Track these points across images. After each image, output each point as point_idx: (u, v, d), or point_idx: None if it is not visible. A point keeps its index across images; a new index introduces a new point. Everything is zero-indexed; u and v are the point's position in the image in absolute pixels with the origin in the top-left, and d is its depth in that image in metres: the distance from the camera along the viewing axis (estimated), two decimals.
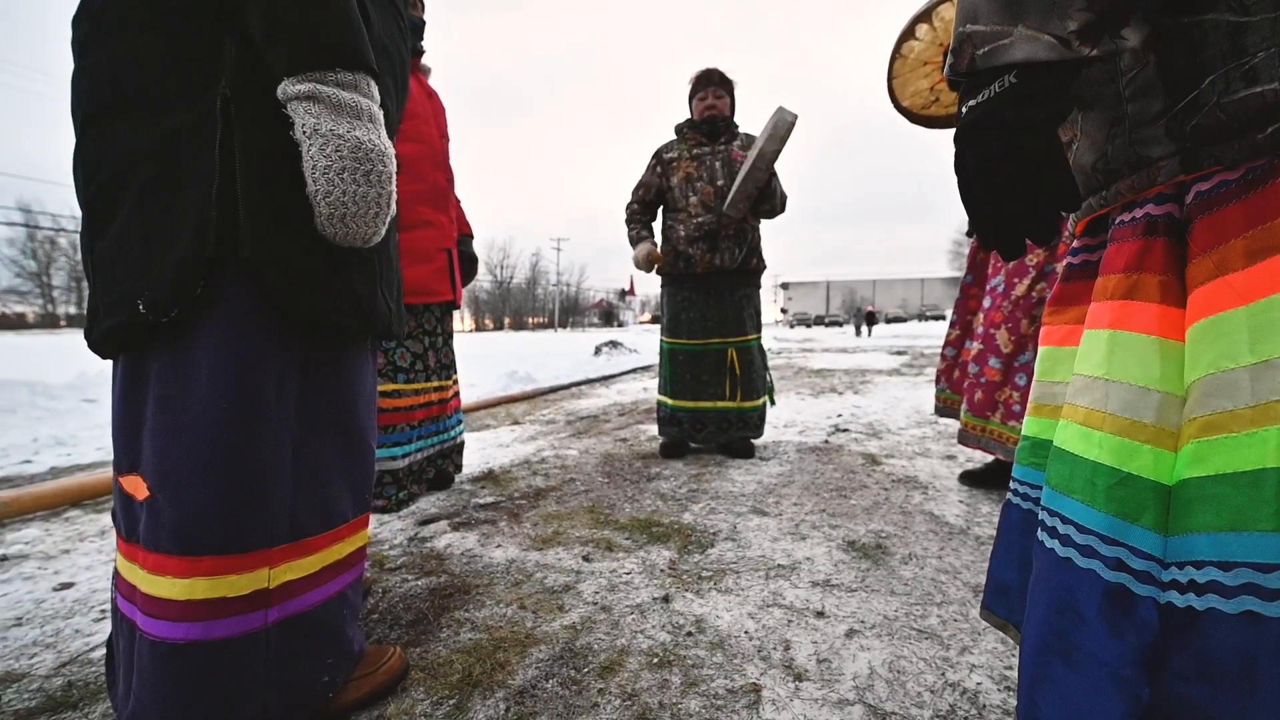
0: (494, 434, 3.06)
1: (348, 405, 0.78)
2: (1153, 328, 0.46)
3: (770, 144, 1.90)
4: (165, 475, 0.64)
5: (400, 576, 1.28)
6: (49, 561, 1.43)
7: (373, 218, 0.66)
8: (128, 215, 0.63)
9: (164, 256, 0.62)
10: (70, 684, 0.92)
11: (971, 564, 1.29)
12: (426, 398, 1.81)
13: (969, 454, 2.31)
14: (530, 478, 2.10)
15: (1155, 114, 0.46)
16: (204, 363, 0.64)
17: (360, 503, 0.81)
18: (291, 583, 0.70)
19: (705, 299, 2.29)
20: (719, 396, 2.31)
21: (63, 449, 2.87)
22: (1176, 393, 0.44)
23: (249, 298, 0.66)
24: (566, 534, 1.51)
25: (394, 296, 0.83)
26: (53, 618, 1.14)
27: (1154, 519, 0.43)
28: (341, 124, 0.62)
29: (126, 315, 0.63)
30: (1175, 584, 0.42)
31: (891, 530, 1.50)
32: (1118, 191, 0.51)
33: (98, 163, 0.64)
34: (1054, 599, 0.48)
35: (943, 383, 1.97)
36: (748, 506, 1.72)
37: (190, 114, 0.62)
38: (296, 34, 0.60)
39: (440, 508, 1.78)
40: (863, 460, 2.26)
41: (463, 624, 1.07)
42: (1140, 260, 0.47)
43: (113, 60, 0.63)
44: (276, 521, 0.68)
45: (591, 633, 1.03)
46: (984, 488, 1.85)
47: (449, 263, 1.83)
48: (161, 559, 0.64)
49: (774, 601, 1.14)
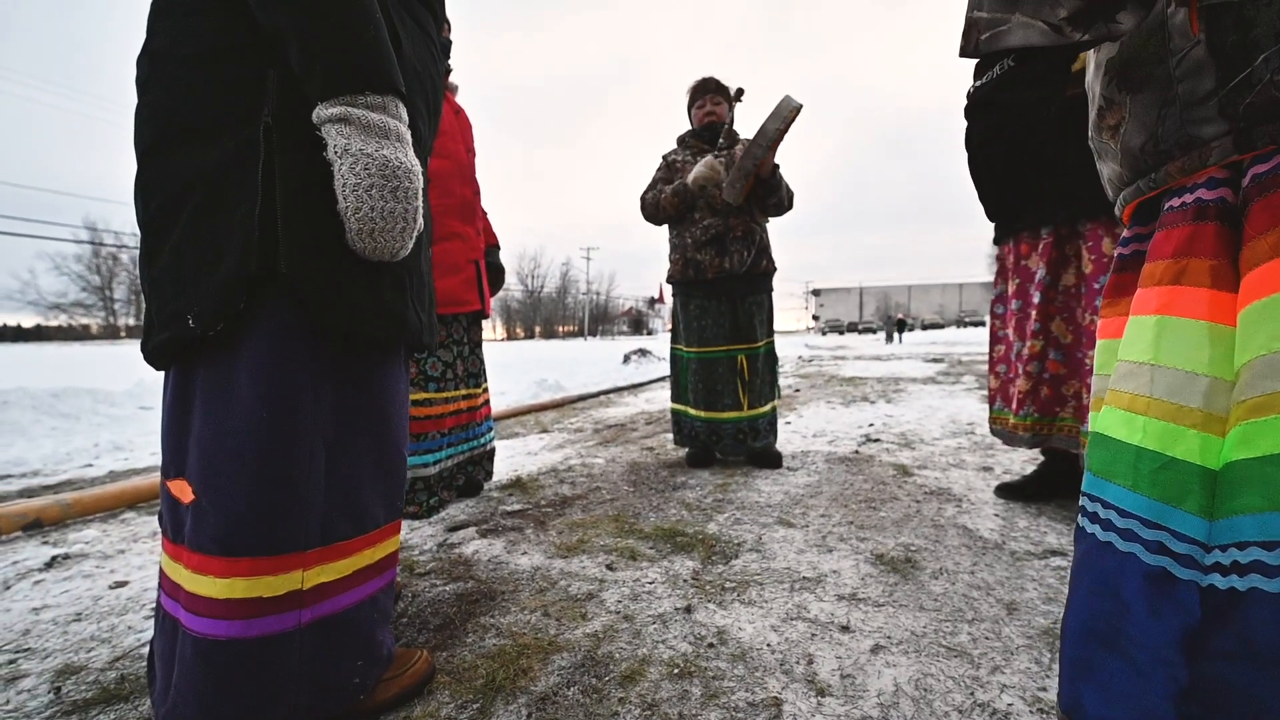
0: (523, 442, 3.11)
1: (381, 414, 0.81)
2: (1203, 312, 0.45)
3: (772, 122, 1.87)
4: (208, 480, 0.68)
5: (429, 581, 1.31)
6: (106, 561, 1.52)
7: (399, 232, 0.69)
8: (180, 237, 0.68)
9: (212, 274, 0.66)
10: (123, 677, 0.98)
11: (1005, 580, 1.24)
12: (456, 406, 1.86)
13: (1006, 465, 2.23)
14: (557, 486, 2.12)
15: (1207, 93, 0.45)
16: (245, 373, 0.68)
17: (392, 509, 0.84)
18: (324, 585, 0.73)
19: (718, 305, 2.28)
20: (733, 407, 2.29)
21: (120, 454, 3.04)
22: (1225, 377, 0.44)
23: (288, 311, 0.69)
24: (591, 542, 1.52)
25: (425, 309, 0.86)
26: (108, 614, 1.21)
27: (1198, 503, 0.43)
28: (370, 143, 0.66)
29: (177, 329, 0.67)
30: (1218, 566, 0.41)
31: (922, 544, 1.46)
32: (1167, 174, 0.50)
33: (154, 189, 0.69)
34: (1095, 583, 0.48)
35: (999, 403, 1.81)
36: (774, 517, 1.70)
37: (236, 142, 0.67)
38: (330, 62, 0.65)
39: (469, 514, 1.81)
40: (894, 471, 2.21)
41: (488, 629, 1.09)
42: (1190, 245, 0.47)
43: (169, 96, 0.69)
44: (310, 525, 0.71)
45: (613, 641, 1.04)
46: (1021, 500, 1.79)
47: (477, 273, 1.88)
48: (204, 559, 0.68)
49: (798, 614, 1.12)
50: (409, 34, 0.82)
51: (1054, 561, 1.33)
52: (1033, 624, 1.06)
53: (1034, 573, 1.28)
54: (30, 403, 3.78)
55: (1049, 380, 1.59)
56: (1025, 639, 1.02)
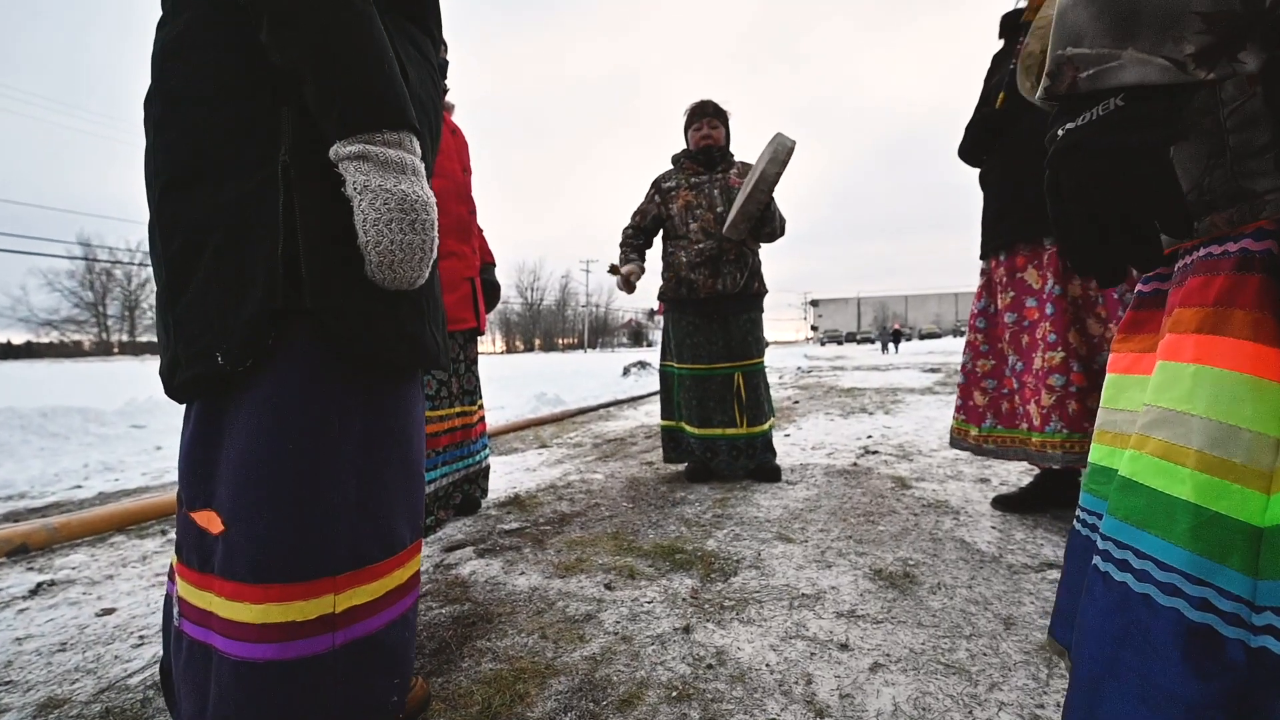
0: (521, 457, 3.09)
1: (404, 438, 0.82)
2: (1245, 365, 0.44)
3: (772, 167, 1.93)
4: (239, 511, 0.69)
5: (425, 604, 1.30)
6: (93, 587, 1.49)
7: (418, 262, 0.72)
8: (204, 276, 0.69)
9: (238, 311, 0.68)
10: (108, 710, 0.96)
11: (1003, 594, 1.24)
12: (450, 424, 1.85)
13: (1003, 477, 2.23)
14: (555, 503, 2.11)
15: (1262, 146, 0.44)
16: (272, 406, 0.69)
17: (415, 529, 0.85)
18: (356, 608, 0.74)
19: (710, 324, 2.30)
20: (727, 424, 2.29)
21: (111, 474, 3.00)
22: (1269, 433, 0.43)
23: (312, 344, 0.71)
24: (590, 561, 1.51)
25: (440, 330, 0.88)
26: (94, 643, 1.19)
27: (1242, 561, 0.42)
28: (389, 179, 0.68)
29: (205, 366, 0.68)
30: (1271, 629, 0.40)
31: (920, 558, 1.45)
32: (1213, 224, 0.49)
33: (174, 229, 0.70)
34: (1121, 632, 0.47)
35: (990, 420, 1.80)
36: (773, 533, 1.69)
37: (254, 181, 0.69)
38: (347, 101, 0.66)
39: (466, 533, 1.80)
40: (892, 484, 2.21)
41: (484, 653, 1.07)
42: (1232, 295, 0.46)
43: (186, 136, 0.70)
44: (339, 550, 0.73)
45: (611, 664, 1.02)
46: (1018, 513, 1.78)
47: (473, 291, 1.89)
48: (239, 586, 0.69)
49: (797, 633, 1.11)
50: (413, 63, 0.84)
51: (1050, 575, 1.33)
52: (1030, 639, 1.06)
53: (1031, 586, 1.27)
54: (18, 422, 3.74)
55: (1075, 394, 1.52)
56: (1023, 654, 1.01)
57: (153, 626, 1.26)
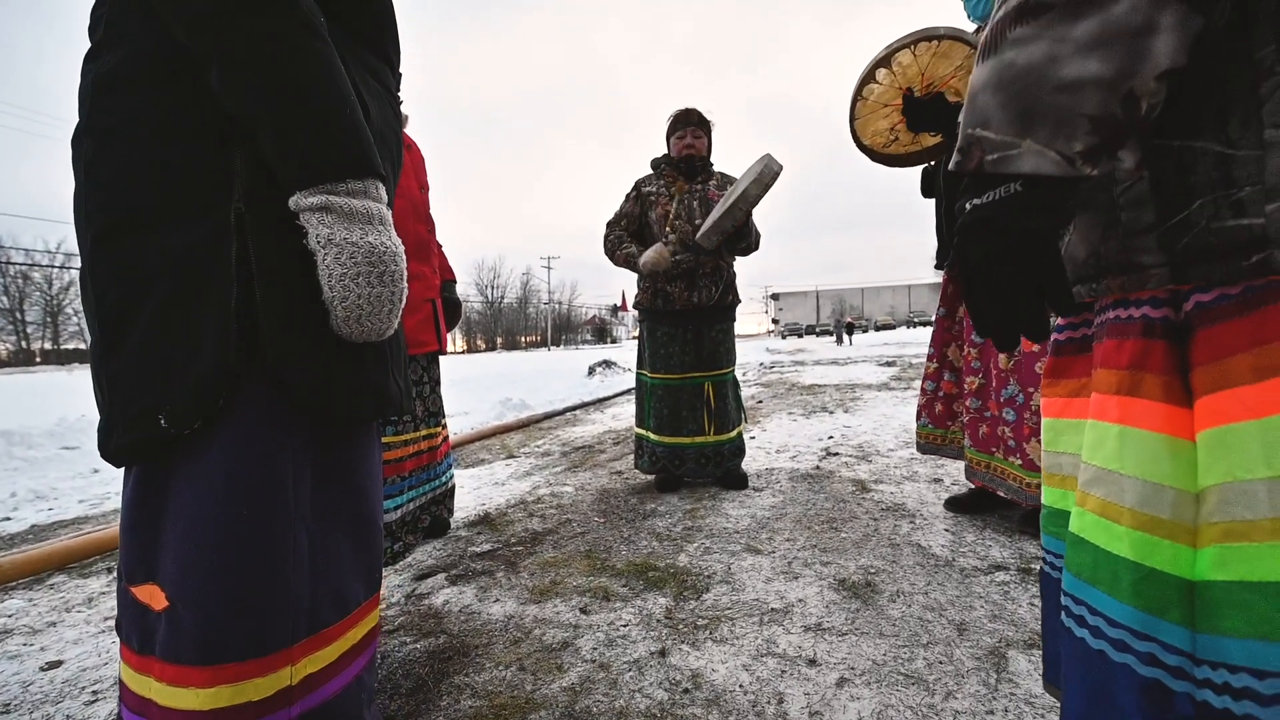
0: (489, 470, 3.06)
1: (359, 492, 0.78)
2: (1160, 425, 0.47)
3: (755, 188, 1.95)
4: (185, 584, 0.64)
5: (399, 639, 1.28)
6: (35, 636, 1.41)
7: (387, 314, 0.68)
8: (145, 330, 0.63)
9: (186, 369, 0.62)
10: None
11: (956, 599, 1.32)
12: (416, 447, 1.82)
13: (954, 476, 2.35)
14: (526, 520, 2.10)
15: (1147, 225, 0.48)
16: (222, 468, 0.65)
17: (371, 583, 0.82)
18: (312, 675, 0.71)
19: (684, 334, 2.34)
20: (696, 432, 2.34)
21: (43, 503, 2.81)
22: (1188, 489, 0.45)
23: (266, 402, 0.66)
24: (564, 583, 1.52)
25: (403, 375, 0.85)
26: (42, 702, 1.13)
27: (1180, 614, 0.44)
28: (354, 231, 0.64)
29: (147, 428, 0.63)
30: (1209, 683, 0.42)
31: (880, 565, 1.53)
32: (1108, 286, 0.53)
33: (111, 280, 0.64)
34: (1091, 691, 0.49)
35: (924, 418, 1.98)
36: (741, 544, 1.74)
37: (204, 229, 0.63)
38: (308, 150, 0.62)
39: (437, 558, 1.78)
40: (853, 488, 2.30)
41: (463, 690, 1.07)
42: (1143, 359, 0.49)
43: (123, 178, 0.64)
44: (298, 619, 0.69)
45: (590, 694, 1.04)
46: (968, 514, 1.89)
47: (434, 312, 1.85)
48: (183, 670, 0.64)
49: (768, 650, 1.16)
50: (373, 96, 0.80)
51: (998, 577, 1.42)
52: (980, 644, 1.13)
53: (980, 589, 1.36)
54: None
55: (988, 420, 1.69)
56: (975, 660, 1.08)
57: (106, 679, 1.20)
